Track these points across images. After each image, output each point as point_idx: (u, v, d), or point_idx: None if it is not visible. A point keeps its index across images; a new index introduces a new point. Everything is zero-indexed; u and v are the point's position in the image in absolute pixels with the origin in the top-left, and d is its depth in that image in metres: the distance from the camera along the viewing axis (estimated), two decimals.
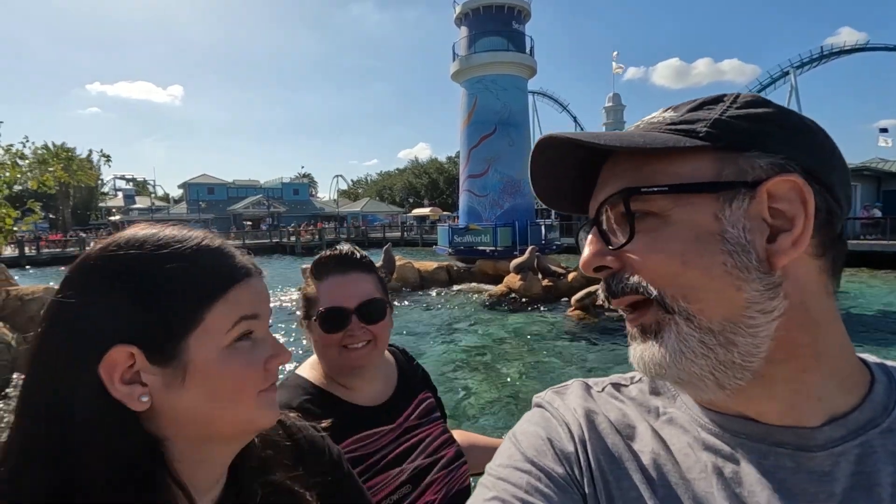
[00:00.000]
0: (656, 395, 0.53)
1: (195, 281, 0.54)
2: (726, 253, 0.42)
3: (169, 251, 0.54)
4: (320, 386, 1.10)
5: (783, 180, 0.42)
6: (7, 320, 8.21)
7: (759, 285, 0.42)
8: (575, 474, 0.48)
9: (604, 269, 0.48)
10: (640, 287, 0.45)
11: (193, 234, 0.58)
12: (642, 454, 0.48)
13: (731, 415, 0.46)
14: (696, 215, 0.43)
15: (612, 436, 0.50)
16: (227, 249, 0.60)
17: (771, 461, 0.43)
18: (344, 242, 1.19)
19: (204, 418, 0.54)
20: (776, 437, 0.44)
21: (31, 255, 27.66)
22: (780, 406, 0.44)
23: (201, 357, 0.53)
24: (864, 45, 33.74)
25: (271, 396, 0.60)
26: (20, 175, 8.73)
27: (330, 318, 1.06)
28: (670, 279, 0.43)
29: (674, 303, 0.43)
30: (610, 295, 0.48)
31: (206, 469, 0.59)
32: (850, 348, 0.46)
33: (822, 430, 0.43)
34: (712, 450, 0.46)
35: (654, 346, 0.45)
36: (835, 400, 0.44)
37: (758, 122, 0.44)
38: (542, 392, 0.58)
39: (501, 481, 0.48)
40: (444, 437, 1.20)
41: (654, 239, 0.44)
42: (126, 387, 0.50)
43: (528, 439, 0.51)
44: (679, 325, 0.43)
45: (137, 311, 0.51)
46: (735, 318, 0.42)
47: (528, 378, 7.31)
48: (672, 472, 0.46)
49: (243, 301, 0.57)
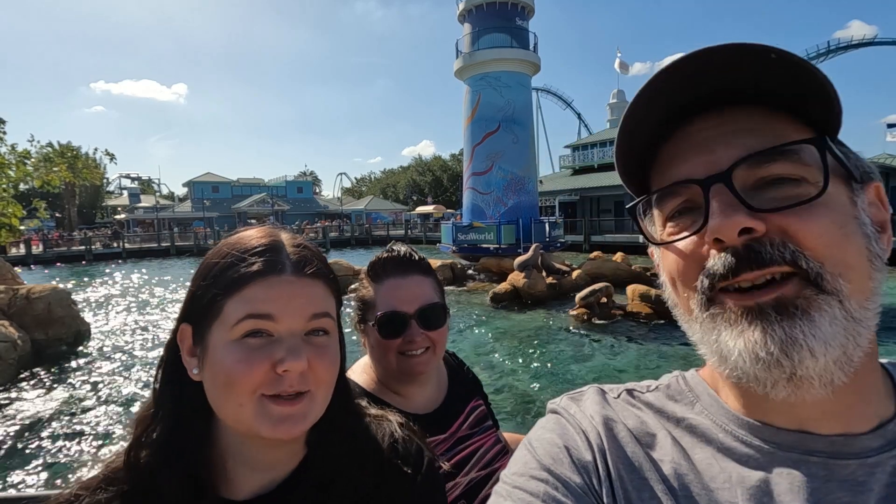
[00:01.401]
0: (673, 401, 0.51)
1: (220, 276, 0.60)
2: (866, 237, 0.41)
3: (223, 248, 0.62)
4: (372, 392, 1.06)
5: (877, 185, 0.44)
6: (14, 318, 8.26)
7: (881, 276, 0.41)
8: (593, 484, 0.46)
9: (748, 232, 0.40)
10: (799, 257, 0.39)
11: (255, 233, 0.64)
12: (663, 463, 0.46)
13: (765, 423, 0.44)
14: (841, 194, 0.42)
15: (631, 444, 0.48)
16: (268, 246, 0.61)
17: (802, 469, 0.41)
18: (400, 243, 1.14)
19: (212, 401, 0.60)
20: (809, 445, 0.42)
21: (38, 253, 27.84)
22: (840, 408, 0.42)
23: (213, 344, 0.58)
24: (872, 39, 33.45)
25: (279, 410, 0.56)
26: (26, 175, 8.79)
27: (388, 323, 1.02)
28: (834, 251, 0.39)
29: (834, 280, 0.39)
30: (754, 264, 0.40)
31: (251, 450, 0.62)
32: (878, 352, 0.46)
33: (861, 440, 0.42)
34: (738, 459, 0.44)
35: (798, 329, 0.38)
36: (883, 405, 0.44)
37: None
38: (557, 398, 0.57)
39: (517, 490, 0.46)
40: (498, 448, 1.15)
41: (820, 206, 0.40)
42: (189, 357, 0.61)
43: (543, 447, 0.50)
44: (833, 308, 0.38)
45: (192, 298, 0.61)
46: (865, 309, 0.40)
47: (531, 376, 7.29)
48: (694, 483, 0.44)
49: (256, 299, 0.57)
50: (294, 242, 0.63)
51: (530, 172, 18.64)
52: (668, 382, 0.54)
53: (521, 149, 18.06)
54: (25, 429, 5.77)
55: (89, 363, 8.35)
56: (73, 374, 7.78)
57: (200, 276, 0.62)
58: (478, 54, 18.17)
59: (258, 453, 0.62)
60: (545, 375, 7.25)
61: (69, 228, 41.39)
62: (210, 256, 0.63)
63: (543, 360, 8.00)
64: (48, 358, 8.35)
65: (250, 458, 0.62)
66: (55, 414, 6.19)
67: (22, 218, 8.52)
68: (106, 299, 15.01)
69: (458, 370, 1.25)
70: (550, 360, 7.97)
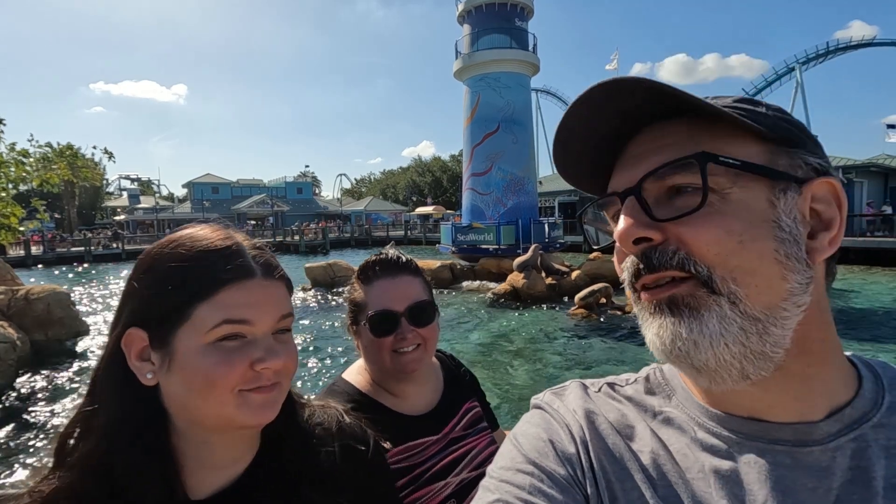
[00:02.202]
0: (651, 394, 0.54)
1: (188, 280, 0.59)
2: (779, 240, 0.42)
3: (179, 251, 0.60)
4: (366, 393, 1.10)
5: (826, 182, 0.44)
6: (13, 319, 8.25)
7: (801, 278, 0.42)
8: (577, 475, 0.48)
9: (643, 241, 0.45)
10: (687, 263, 0.43)
11: (211, 234, 0.63)
12: (642, 454, 0.48)
13: (729, 414, 0.46)
14: (753, 198, 0.43)
15: (612, 436, 0.50)
16: (234, 250, 0.61)
17: (769, 458, 0.43)
18: (389, 247, 1.19)
19: (182, 404, 0.60)
20: (774, 435, 0.44)
21: (38, 254, 27.81)
22: (789, 399, 0.44)
23: (183, 349, 0.58)
24: (871, 40, 33.44)
25: (258, 398, 0.60)
26: (26, 174, 8.78)
27: (380, 321, 1.06)
28: (723, 258, 0.42)
29: (723, 284, 0.42)
30: (648, 269, 0.45)
31: (213, 448, 0.62)
32: (840, 345, 0.47)
33: (819, 426, 0.44)
34: (710, 450, 0.46)
35: (684, 325, 0.43)
36: (836, 394, 0.45)
37: (794, 126, 0.45)
38: (540, 393, 0.58)
39: (504, 483, 0.48)
40: (491, 449, 1.17)
41: (712, 213, 0.42)
42: (139, 363, 0.60)
43: (529, 441, 0.51)
44: (723, 308, 0.42)
45: (146, 301, 0.59)
46: (774, 308, 0.42)
47: (531, 376, 7.29)
48: (672, 472, 0.46)
49: (232, 303, 0.58)
50: (251, 244, 0.65)
51: (530, 173, 18.63)
52: (646, 375, 0.56)
53: (521, 149, 18.05)
54: (24, 429, 5.77)
55: (89, 364, 8.34)
56: (73, 374, 7.78)
57: (155, 279, 0.59)
58: (477, 55, 18.17)
59: (218, 452, 0.63)
60: (544, 376, 7.25)
61: (69, 229, 41.37)
62: (162, 258, 0.60)
63: (542, 361, 7.99)
64: (47, 359, 8.34)
65: (209, 458, 0.62)
66: (54, 414, 6.19)
67: (21, 218, 8.51)
68: (105, 300, 15.01)
69: (455, 372, 1.27)
70: (549, 361, 7.97)
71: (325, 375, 7.44)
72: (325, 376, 7.39)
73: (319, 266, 15.36)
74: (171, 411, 0.61)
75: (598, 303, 10.66)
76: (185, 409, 0.60)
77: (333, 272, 14.93)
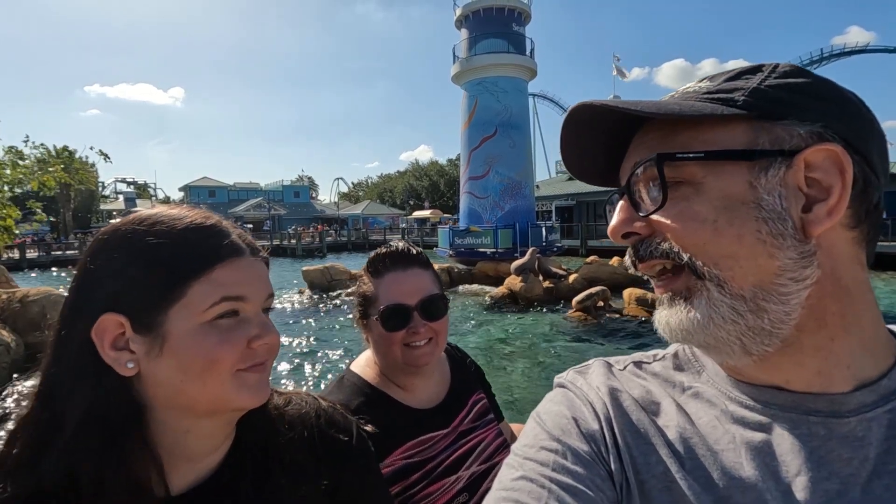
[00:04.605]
0: (680, 370, 0.53)
1: (179, 257, 0.56)
2: (761, 220, 0.42)
3: (160, 228, 0.57)
4: (376, 386, 1.08)
5: (821, 149, 0.42)
6: (7, 322, 8.19)
7: (794, 253, 0.42)
8: (601, 452, 0.48)
9: (632, 235, 0.48)
10: (671, 253, 0.45)
11: (189, 213, 0.60)
12: (668, 429, 0.48)
13: (760, 385, 0.46)
14: (729, 183, 0.43)
15: (636, 412, 0.50)
16: (220, 228, 0.61)
17: (803, 429, 0.43)
18: (398, 239, 1.17)
19: (177, 389, 0.56)
20: (808, 405, 0.44)
21: (33, 257, 27.67)
22: (807, 373, 0.44)
23: (178, 330, 0.55)
24: (864, 47, 33.82)
25: (253, 377, 0.59)
26: (22, 175, 8.74)
27: (392, 315, 1.04)
28: (701, 246, 0.43)
29: (704, 269, 0.43)
30: (637, 260, 0.48)
31: (194, 438, 0.60)
32: (879, 318, 0.46)
33: (854, 396, 0.43)
34: (741, 422, 0.46)
35: (683, 310, 0.45)
36: (863, 367, 0.44)
37: (796, 92, 0.43)
38: (563, 372, 0.58)
39: (528, 461, 0.48)
40: (499, 442, 1.17)
41: (686, 206, 0.44)
42: (115, 352, 0.55)
43: (552, 419, 0.51)
44: (710, 290, 0.43)
45: (127, 283, 0.55)
46: (766, 285, 0.42)
47: (529, 380, 7.28)
48: (699, 445, 0.46)
49: (228, 281, 0.57)
50: (231, 224, 0.64)
51: (527, 177, 18.68)
52: (674, 352, 0.56)
53: (518, 153, 18.10)
54: None
55: None
56: None
57: (133, 258, 0.55)
58: (475, 59, 18.24)
59: (199, 441, 0.61)
60: (542, 379, 7.24)
61: (64, 233, 41.16)
62: (138, 235, 0.56)
63: (540, 364, 7.98)
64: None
65: (187, 449, 0.60)
66: None
67: (17, 221, 8.46)
68: None
69: (462, 363, 1.26)
70: (547, 364, 7.96)
71: (324, 377, 7.41)
72: (325, 378, 7.36)
73: (316, 269, 15.33)
74: (153, 401, 0.57)
75: (595, 306, 10.67)
76: (178, 395, 0.56)
77: (330, 275, 14.91)
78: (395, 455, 1.02)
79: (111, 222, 0.60)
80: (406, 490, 1.01)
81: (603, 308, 10.74)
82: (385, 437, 0.97)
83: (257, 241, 0.65)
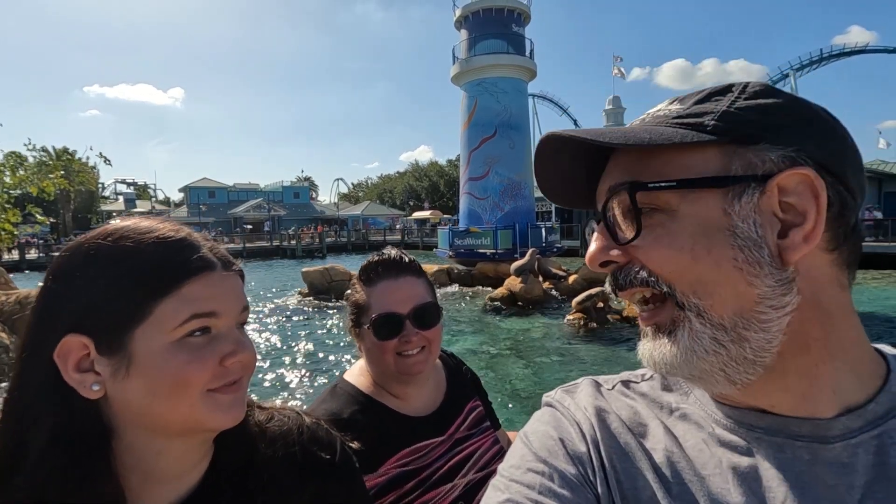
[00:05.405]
0: (668, 391, 0.53)
1: (145, 274, 0.54)
2: (736, 248, 0.41)
3: (126, 244, 0.55)
4: (370, 395, 1.07)
5: (794, 174, 0.41)
6: (6, 324, 8.19)
7: (772, 281, 0.41)
8: (588, 474, 0.47)
9: (610, 263, 0.47)
10: (650, 281, 0.44)
11: (158, 226, 0.58)
12: (655, 452, 0.47)
13: (745, 408, 0.46)
14: (704, 210, 0.42)
15: (624, 434, 0.49)
16: (190, 242, 0.58)
17: (788, 454, 0.43)
18: (390, 246, 1.16)
19: (145, 410, 0.54)
20: (793, 430, 0.43)
21: (32, 258, 27.66)
22: (792, 398, 0.44)
23: (145, 350, 0.53)
24: (864, 47, 33.79)
25: (226, 398, 0.57)
26: (23, 180, 8.73)
27: (384, 324, 1.03)
28: (680, 274, 0.43)
29: (684, 298, 0.43)
30: (616, 288, 0.48)
31: (166, 460, 0.58)
32: (864, 340, 0.46)
33: (839, 421, 0.42)
34: (728, 445, 0.45)
35: (666, 343, 0.45)
36: (849, 391, 0.44)
37: (767, 114, 0.43)
38: (552, 391, 0.58)
39: (514, 483, 0.47)
40: (496, 449, 1.16)
41: (662, 234, 0.44)
42: (79, 374, 0.53)
43: (539, 439, 0.51)
44: (692, 321, 0.43)
45: (90, 302, 0.53)
46: (746, 314, 0.42)
47: (528, 381, 7.28)
48: (686, 470, 0.45)
49: (198, 297, 0.55)
50: (202, 236, 0.61)
51: (527, 177, 18.67)
52: None
53: (518, 154, 18.11)
54: None
55: None
56: None
57: (97, 277, 0.53)
58: (474, 60, 18.25)
59: (171, 462, 0.58)
60: (542, 380, 7.24)
61: (64, 234, 41.16)
62: (102, 252, 0.54)
63: (540, 365, 7.98)
64: None
65: (160, 471, 0.58)
66: None
67: (17, 223, 8.45)
68: None
69: (457, 370, 1.26)
70: (547, 365, 7.96)
71: (324, 377, 7.40)
72: (324, 379, 7.36)
73: (316, 270, 15.32)
74: (122, 422, 0.55)
75: (595, 307, 10.66)
76: (147, 416, 0.55)
77: (330, 276, 14.89)
78: (390, 463, 1.01)
79: (85, 234, 0.57)
80: (401, 499, 1.00)
81: (603, 309, 10.73)
82: (379, 445, 0.97)
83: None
